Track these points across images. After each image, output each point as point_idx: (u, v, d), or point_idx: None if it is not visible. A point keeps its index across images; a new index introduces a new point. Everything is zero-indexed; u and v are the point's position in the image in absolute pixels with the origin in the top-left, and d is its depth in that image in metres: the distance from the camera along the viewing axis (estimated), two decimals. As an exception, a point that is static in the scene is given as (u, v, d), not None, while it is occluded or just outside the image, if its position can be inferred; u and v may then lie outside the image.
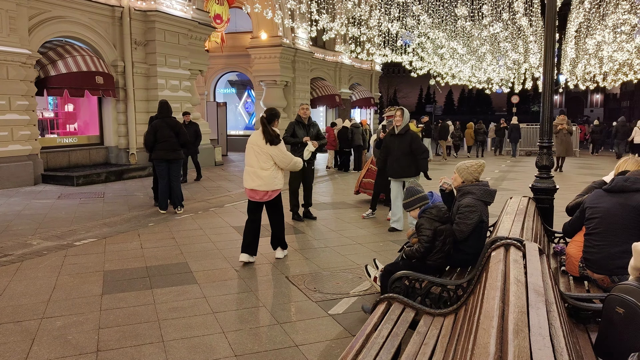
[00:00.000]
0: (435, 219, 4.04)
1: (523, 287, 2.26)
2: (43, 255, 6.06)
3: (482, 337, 1.79)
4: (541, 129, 5.51)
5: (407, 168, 7.34)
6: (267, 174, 5.58)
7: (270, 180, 5.60)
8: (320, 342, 3.73)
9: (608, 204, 3.70)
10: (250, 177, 5.65)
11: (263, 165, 5.58)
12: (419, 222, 4.14)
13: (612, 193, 3.72)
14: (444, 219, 4.08)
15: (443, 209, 4.15)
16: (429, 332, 2.84)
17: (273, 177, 5.63)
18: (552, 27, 5.36)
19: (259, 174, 5.58)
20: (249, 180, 5.66)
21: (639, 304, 2.07)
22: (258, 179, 5.58)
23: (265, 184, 5.59)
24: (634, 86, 49.18)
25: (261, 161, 5.58)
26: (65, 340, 3.74)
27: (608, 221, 3.67)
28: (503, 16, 13.59)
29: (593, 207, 3.82)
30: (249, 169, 5.68)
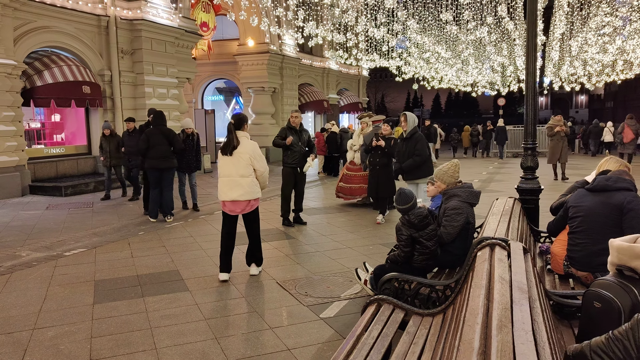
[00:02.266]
0: (410, 226, 4.13)
1: (507, 285, 2.32)
2: (33, 266, 6.03)
3: (467, 333, 1.85)
4: (525, 131, 5.62)
5: (418, 170, 7.45)
6: (247, 181, 5.21)
7: (252, 188, 5.25)
8: (312, 346, 3.77)
9: (590, 203, 3.79)
10: (228, 187, 5.22)
11: (243, 172, 5.20)
12: (398, 227, 4.25)
13: (594, 192, 3.81)
14: (418, 226, 4.14)
15: (421, 215, 4.19)
16: (418, 332, 2.90)
17: (254, 183, 5.29)
18: (533, 31, 5.48)
19: (239, 182, 5.19)
20: (227, 192, 5.22)
21: (614, 298, 2.15)
22: (239, 188, 5.18)
23: (247, 193, 5.21)
24: (617, 87, 49.89)
25: (240, 168, 5.20)
26: (58, 350, 3.74)
27: (590, 219, 3.76)
28: (488, 20, 13.79)
29: (576, 206, 3.91)
30: (226, 179, 5.25)
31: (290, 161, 8.10)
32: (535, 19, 5.48)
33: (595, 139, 23.08)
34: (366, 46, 18.93)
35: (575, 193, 4.08)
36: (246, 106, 22.34)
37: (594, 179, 3.92)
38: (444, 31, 15.86)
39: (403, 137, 7.65)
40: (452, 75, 24.20)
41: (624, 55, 20.17)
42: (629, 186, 3.72)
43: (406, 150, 7.51)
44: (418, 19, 14.47)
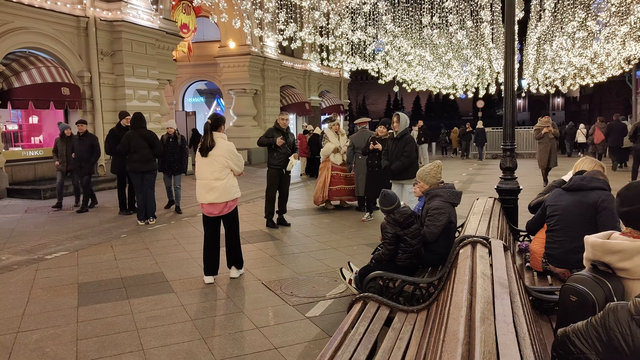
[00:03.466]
0: (396, 225, 4.23)
1: (489, 280, 2.42)
2: (14, 269, 5.96)
3: (452, 326, 1.94)
4: (504, 133, 5.77)
5: (404, 171, 7.56)
6: (222, 184, 5.18)
7: (227, 190, 5.22)
8: (299, 344, 3.82)
9: (566, 202, 3.93)
10: (204, 190, 5.21)
11: (218, 175, 5.17)
12: (383, 225, 4.34)
13: (570, 192, 3.95)
14: (404, 224, 4.25)
15: (405, 213, 4.32)
16: (403, 328, 2.98)
17: (231, 185, 5.26)
18: (511, 35, 5.63)
19: (213, 186, 5.17)
20: (203, 194, 5.21)
21: (589, 291, 2.26)
22: (214, 191, 5.17)
23: (223, 195, 5.19)
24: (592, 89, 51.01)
25: (215, 171, 5.17)
26: (43, 352, 3.73)
27: (567, 218, 3.90)
28: (466, 24, 14.03)
29: (553, 205, 4.05)
30: (201, 182, 5.24)
31: (276, 162, 8.15)
32: (512, 24, 5.63)
33: (570, 140, 24.30)
34: (347, 49, 19.05)
35: (552, 192, 4.22)
36: (227, 108, 22.28)
37: (570, 179, 4.06)
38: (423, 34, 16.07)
39: (393, 137, 7.79)
40: (431, 78, 24.51)
41: (598, 59, 20.72)
42: (603, 185, 3.87)
43: (395, 150, 7.64)
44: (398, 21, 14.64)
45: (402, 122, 7.76)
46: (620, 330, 1.78)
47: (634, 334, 1.74)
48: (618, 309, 1.87)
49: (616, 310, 1.86)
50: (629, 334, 1.75)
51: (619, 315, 1.83)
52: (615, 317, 1.84)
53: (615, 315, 1.85)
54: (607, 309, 1.90)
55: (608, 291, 2.36)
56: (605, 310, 1.87)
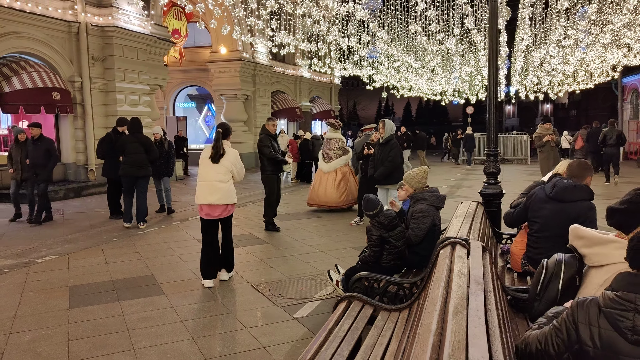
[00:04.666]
0: (381, 227, 4.36)
1: (465, 278, 2.55)
2: (4, 273, 6.01)
3: (426, 319, 2.06)
4: (488, 138, 5.93)
5: (389, 176, 7.69)
6: (225, 187, 5.37)
7: (229, 194, 5.40)
8: (286, 343, 3.93)
9: (548, 212, 3.99)
10: (207, 191, 5.35)
11: (222, 178, 5.36)
12: (368, 228, 4.48)
13: (553, 201, 3.99)
14: (390, 226, 4.39)
15: (390, 216, 4.46)
16: (385, 326, 3.10)
17: (232, 189, 5.45)
18: (494, 44, 5.80)
19: (217, 187, 5.33)
20: (206, 195, 5.35)
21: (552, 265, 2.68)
22: (217, 192, 5.32)
23: (224, 197, 5.36)
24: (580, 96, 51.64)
25: (220, 173, 5.37)
26: (36, 353, 3.80)
27: (548, 227, 3.97)
28: (455, 31, 14.26)
29: (535, 211, 4.11)
30: (204, 184, 5.39)
31: (274, 168, 8.34)
32: (496, 32, 5.81)
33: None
34: (337, 55, 19.25)
35: (537, 195, 4.23)
36: (218, 113, 22.37)
37: (553, 185, 4.07)
38: (413, 41, 16.30)
39: (379, 142, 7.93)
40: (421, 84, 24.78)
41: (584, 66, 21.10)
42: (585, 196, 3.91)
43: (380, 155, 7.79)
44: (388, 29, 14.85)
45: (387, 128, 7.92)
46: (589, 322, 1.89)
47: (602, 326, 1.84)
48: (586, 303, 1.98)
49: (584, 305, 1.97)
50: (597, 327, 1.86)
51: (589, 310, 1.94)
52: (586, 312, 1.95)
53: (585, 310, 1.96)
54: (575, 304, 2.01)
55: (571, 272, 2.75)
56: (574, 305, 1.98)
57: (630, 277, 1.77)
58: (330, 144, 10.51)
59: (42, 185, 9.08)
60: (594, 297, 1.91)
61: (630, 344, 1.69)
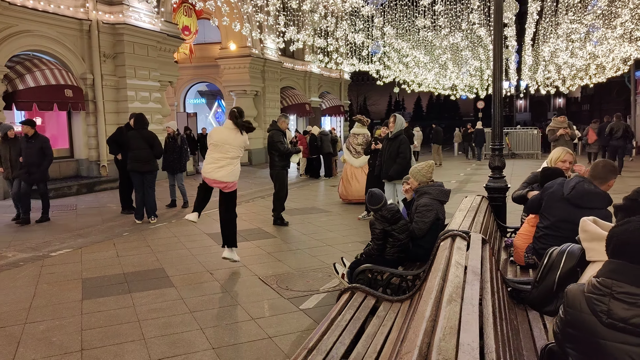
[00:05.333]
0: (384, 221, 4.44)
1: (462, 268, 2.62)
2: (20, 266, 6.18)
3: (421, 306, 2.14)
4: (493, 133, 5.97)
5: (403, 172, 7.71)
6: (232, 167, 5.74)
7: (234, 172, 5.78)
8: (292, 334, 4.03)
9: (561, 212, 3.91)
10: (212, 167, 5.72)
11: (234, 154, 5.75)
12: (372, 221, 4.56)
13: (568, 202, 3.90)
14: (392, 220, 4.47)
15: (393, 210, 4.55)
16: (387, 316, 3.18)
17: (238, 169, 5.84)
18: (499, 38, 5.83)
19: (223, 166, 5.70)
20: (211, 172, 5.72)
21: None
22: (222, 170, 5.69)
23: (229, 175, 5.73)
24: (593, 90, 51.08)
25: (230, 155, 5.71)
26: (50, 342, 3.94)
27: (558, 227, 3.91)
28: (463, 26, 14.23)
29: (549, 207, 4.05)
30: (212, 162, 5.75)
31: (284, 163, 8.46)
32: (501, 27, 5.83)
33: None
34: (346, 50, 19.27)
35: (554, 189, 4.09)
36: (228, 109, 22.42)
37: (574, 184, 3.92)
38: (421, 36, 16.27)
39: (388, 137, 7.98)
40: (431, 79, 24.71)
41: (597, 59, 20.92)
42: (603, 204, 3.80)
43: (389, 150, 7.80)
44: (397, 23, 14.85)
45: (397, 123, 7.93)
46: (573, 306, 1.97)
47: (582, 309, 1.92)
48: (572, 289, 2.06)
49: (571, 291, 2.05)
50: (579, 310, 1.94)
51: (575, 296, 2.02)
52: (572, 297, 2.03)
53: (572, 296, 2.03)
54: (566, 290, 2.09)
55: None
56: (566, 292, 2.06)
57: (611, 264, 1.84)
58: (358, 139, 10.57)
59: (42, 185, 8.94)
60: (581, 284, 1.99)
61: (605, 327, 1.77)
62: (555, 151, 4.63)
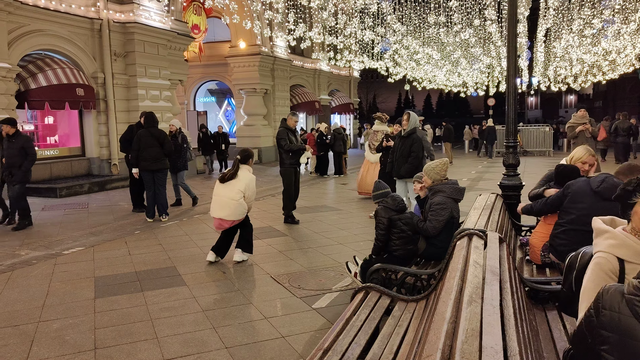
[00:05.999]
0: (390, 208, 4.45)
1: (481, 268, 2.56)
2: (33, 264, 6.20)
3: (440, 308, 2.09)
4: (506, 130, 5.89)
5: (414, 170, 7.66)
6: (235, 204, 5.80)
7: (238, 210, 5.84)
8: (305, 333, 3.99)
9: (588, 206, 3.77)
10: (218, 206, 5.88)
11: (233, 196, 5.80)
12: (377, 211, 4.56)
13: (597, 196, 3.79)
14: (399, 208, 4.50)
15: (397, 199, 4.58)
16: (402, 316, 3.14)
17: (242, 206, 5.86)
18: (513, 33, 5.74)
19: (227, 204, 5.80)
20: (217, 210, 5.89)
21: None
22: (226, 209, 5.80)
23: (233, 214, 5.83)
24: (605, 87, 50.52)
25: (232, 193, 5.81)
26: (63, 340, 3.94)
27: (583, 221, 3.68)
28: (474, 22, 14.09)
29: (574, 202, 3.91)
30: (216, 198, 5.91)
31: (292, 161, 8.40)
32: (515, 22, 5.74)
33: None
34: (356, 48, 19.19)
35: (579, 184, 3.97)
36: (238, 107, 22.52)
37: (603, 178, 3.85)
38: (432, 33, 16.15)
39: (400, 135, 7.92)
40: (441, 76, 24.54)
41: (609, 55, 20.64)
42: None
43: (401, 147, 7.74)
44: (407, 20, 14.75)
45: (411, 121, 7.86)
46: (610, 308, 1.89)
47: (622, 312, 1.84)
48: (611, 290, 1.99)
49: (609, 291, 1.98)
50: (617, 312, 1.86)
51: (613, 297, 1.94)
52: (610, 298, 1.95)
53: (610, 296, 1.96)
54: (601, 290, 2.02)
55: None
56: (600, 292, 1.99)
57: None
58: (377, 135, 10.64)
59: (17, 186, 8.25)
60: (619, 285, 1.91)
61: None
62: (578, 150, 4.52)
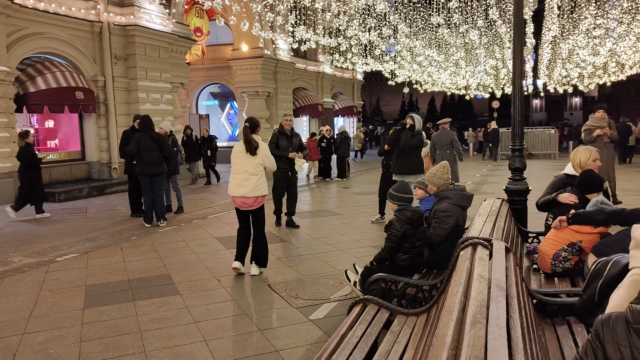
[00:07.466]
0: (407, 222, 4.14)
1: (486, 282, 2.36)
2: (24, 271, 6.04)
3: (441, 330, 1.89)
4: (513, 133, 5.68)
5: (409, 165, 7.79)
6: (255, 179, 5.57)
7: (259, 186, 5.60)
8: (301, 347, 3.80)
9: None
10: (237, 183, 5.60)
11: (253, 171, 5.57)
12: (392, 220, 4.27)
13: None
14: (416, 223, 4.19)
15: (418, 213, 4.26)
16: (402, 331, 2.93)
17: (263, 182, 5.64)
18: (519, 35, 5.54)
19: (248, 180, 5.55)
20: (236, 188, 5.60)
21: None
22: (247, 185, 5.55)
23: (254, 190, 5.57)
24: (610, 89, 50.14)
25: (251, 166, 5.57)
26: (47, 354, 3.76)
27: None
28: (478, 23, 13.88)
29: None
30: (236, 176, 5.63)
31: (282, 165, 8.15)
32: (521, 23, 5.54)
33: (575, 139, 25.69)
34: (359, 50, 19.00)
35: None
36: (240, 110, 22.37)
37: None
38: (435, 35, 15.96)
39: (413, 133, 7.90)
40: (444, 79, 24.33)
41: (615, 57, 20.38)
42: None
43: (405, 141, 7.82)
44: (410, 22, 14.56)
45: (415, 122, 7.93)
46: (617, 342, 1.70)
47: (634, 344, 1.64)
48: (612, 320, 1.79)
49: (609, 323, 1.78)
50: (627, 346, 1.66)
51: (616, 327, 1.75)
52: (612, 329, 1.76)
53: (610, 327, 1.77)
54: (599, 322, 1.82)
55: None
56: (598, 322, 1.79)
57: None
58: None
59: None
60: (619, 312, 1.69)
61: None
62: (582, 153, 4.32)
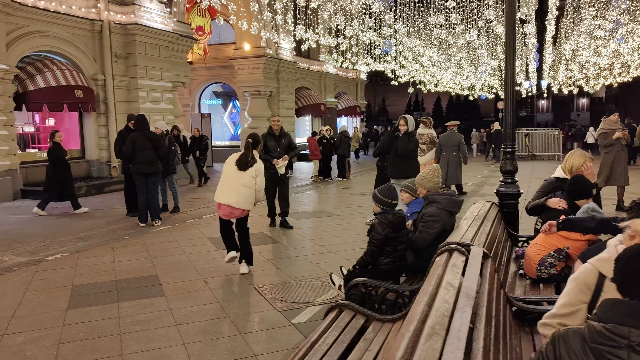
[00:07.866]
0: (388, 226, 4.09)
1: (454, 291, 2.29)
2: (13, 271, 6.02)
3: (397, 341, 1.83)
4: (505, 135, 5.60)
5: (405, 168, 7.72)
6: (247, 192, 5.53)
7: (248, 199, 5.56)
8: (280, 351, 3.75)
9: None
10: (228, 192, 5.51)
11: (247, 183, 5.52)
12: (374, 224, 4.22)
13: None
14: (398, 227, 4.13)
15: (400, 217, 4.21)
16: (375, 339, 2.87)
17: (251, 196, 5.58)
18: (511, 36, 5.46)
19: (239, 191, 5.49)
20: (225, 195, 5.51)
21: None
22: (237, 196, 5.48)
23: (244, 202, 5.52)
24: (617, 89, 49.72)
25: (245, 179, 5.52)
26: (24, 356, 3.73)
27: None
28: (479, 24, 13.77)
29: None
30: (227, 184, 5.55)
31: (270, 166, 8.15)
32: (513, 24, 5.47)
33: (579, 140, 26.45)
34: (361, 49, 18.92)
35: None
36: (242, 110, 22.35)
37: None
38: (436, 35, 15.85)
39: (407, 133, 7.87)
40: (448, 79, 24.19)
41: (621, 58, 20.17)
42: None
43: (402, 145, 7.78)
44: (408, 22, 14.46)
45: (409, 124, 7.86)
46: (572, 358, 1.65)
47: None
48: (569, 335, 1.73)
49: (567, 337, 1.72)
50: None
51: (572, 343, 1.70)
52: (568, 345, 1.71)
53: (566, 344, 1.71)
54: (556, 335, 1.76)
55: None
56: (555, 337, 1.73)
57: (622, 306, 1.48)
58: (422, 138, 10.99)
59: None
60: (577, 327, 1.64)
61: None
62: (575, 159, 4.25)
